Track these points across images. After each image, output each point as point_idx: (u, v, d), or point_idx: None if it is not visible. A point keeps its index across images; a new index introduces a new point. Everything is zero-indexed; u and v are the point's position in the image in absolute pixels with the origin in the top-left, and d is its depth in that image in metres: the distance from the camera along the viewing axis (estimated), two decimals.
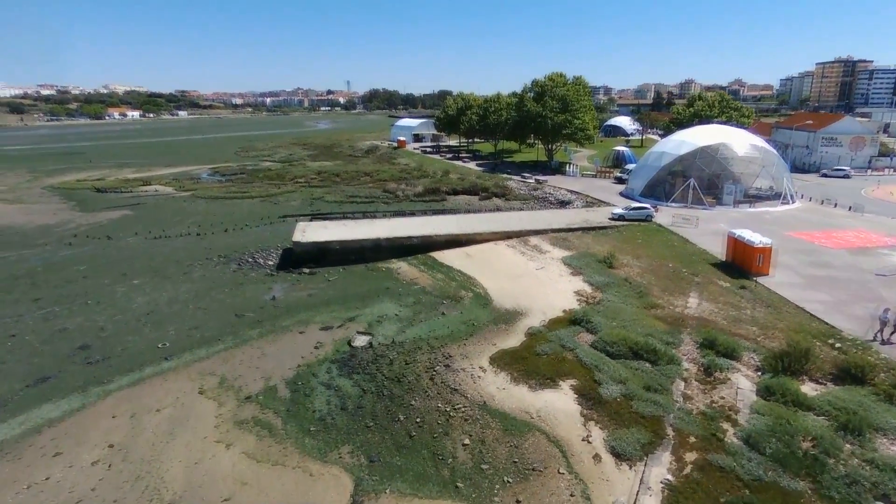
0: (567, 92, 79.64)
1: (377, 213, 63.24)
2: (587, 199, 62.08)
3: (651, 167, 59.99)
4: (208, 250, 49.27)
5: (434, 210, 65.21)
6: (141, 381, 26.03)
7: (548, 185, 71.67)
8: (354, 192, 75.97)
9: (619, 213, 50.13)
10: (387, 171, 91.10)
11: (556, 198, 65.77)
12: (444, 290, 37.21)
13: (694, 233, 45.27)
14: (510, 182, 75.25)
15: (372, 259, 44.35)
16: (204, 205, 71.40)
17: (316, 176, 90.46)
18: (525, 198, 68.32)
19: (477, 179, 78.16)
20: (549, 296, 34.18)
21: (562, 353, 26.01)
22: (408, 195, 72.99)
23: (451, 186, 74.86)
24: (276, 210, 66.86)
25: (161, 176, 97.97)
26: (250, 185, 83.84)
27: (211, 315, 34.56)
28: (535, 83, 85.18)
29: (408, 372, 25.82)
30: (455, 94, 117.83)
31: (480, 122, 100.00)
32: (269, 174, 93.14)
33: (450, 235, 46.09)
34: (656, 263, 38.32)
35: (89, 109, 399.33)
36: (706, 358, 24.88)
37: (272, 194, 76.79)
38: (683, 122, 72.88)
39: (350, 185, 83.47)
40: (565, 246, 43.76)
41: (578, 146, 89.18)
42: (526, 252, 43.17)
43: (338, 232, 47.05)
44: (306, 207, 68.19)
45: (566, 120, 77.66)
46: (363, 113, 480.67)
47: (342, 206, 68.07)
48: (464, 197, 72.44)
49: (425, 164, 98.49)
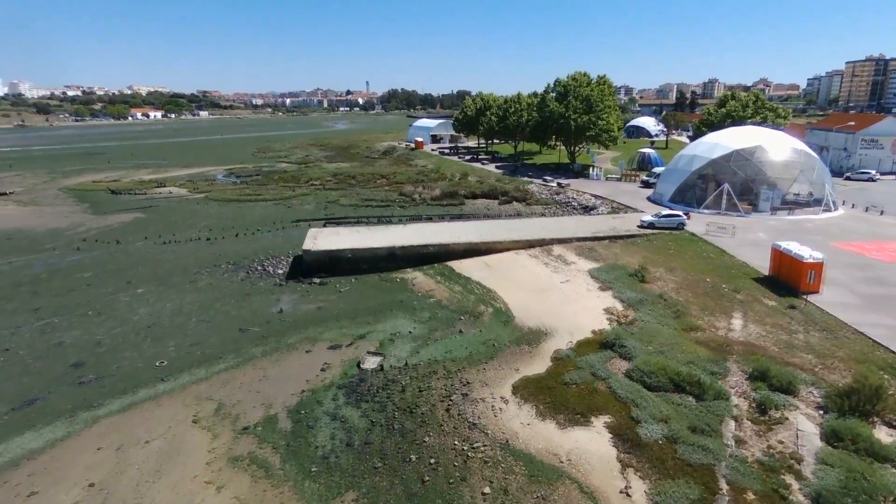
0: (591, 92, 76.48)
1: (392, 218, 61.02)
2: (613, 205, 58.97)
3: (681, 171, 56.65)
4: (217, 257, 47.50)
5: (452, 215, 62.74)
6: (133, 406, 24.01)
7: (570, 189, 68.65)
8: (370, 196, 73.90)
9: (648, 221, 47.03)
10: (403, 174, 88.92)
11: (579, 203, 62.78)
12: (461, 305, 34.70)
13: (731, 243, 42.00)
14: (531, 186, 72.44)
15: (386, 268, 42.04)
16: (217, 208, 69.97)
17: (331, 178, 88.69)
18: (547, 202, 65.43)
19: (496, 183, 75.49)
20: (576, 313, 31.43)
21: (593, 384, 23.31)
22: (424, 199, 70.66)
23: (469, 190, 72.33)
24: (290, 214, 65.07)
25: (176, 177, 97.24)
26: (265, 188, 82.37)
27: (214, 329, 32.56)
28: (557, 83, 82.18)
29: (421, 401, 23.37)
30: (474, 95, 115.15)
31: (500, 123, 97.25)
32: (284, 176, 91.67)
33: (468, 244, 43.53)
34: (693, 278, 35.25)
35: (112, 110, 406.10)
36: (758, 392, 21.95)
37: (286, 197, 75.11)
38: (714, 124, 69.05)
39: (366, 187, 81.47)
40: (592, 257, 40.88)
41: (602, 148, 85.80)
42: (549, 263, 40.41)
43: (350, 239, 44.84)
44: (320, 211, 66.31)
45: (590, 121, 74.50)
46: (381, 113, 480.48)
47: (357, 211, 66.02)
48: (483, 201, 69.82)
49: (443, 166, 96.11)
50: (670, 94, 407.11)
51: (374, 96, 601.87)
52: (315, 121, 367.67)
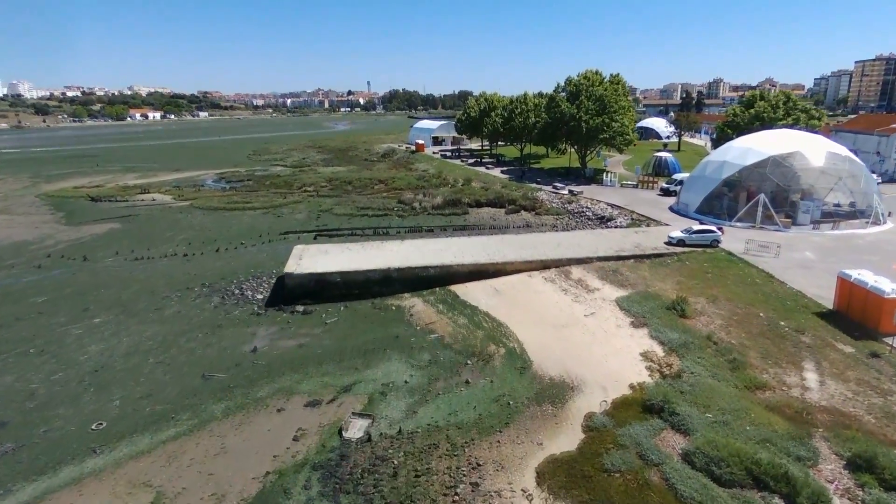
0: (604, 92, 71.02)
1: (390, 229, 55.63)
2: (632, 216, 53.49)
3: (709, 179, 51.14)
4: (192, 277, 42.20)
5: (455, 226, 57.33)
6: (47, 497, 18.67)
7: (583, 196, 63.20)
8: (366, 204, 68.55)
9: (677, 237, 41.53)
10: (403, 179, 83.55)
11: (594, 213, 57.30)
12: (467, 343, 29.33)
13: (776, 265, 36.49)
14: (540, 193, 66.99)
15: (380, 293, 36.68)
16: (200, 217, 64.70)
17: (326, 184, 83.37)
18: (558, 212, 59.97)
19: (502, 189, 70.09)
20: (606, 358, 26.02)
21: (642, 472, 17.89)
22: (425, 207, 65.28)
23: (473, 197, 66.92)
24: (278, 225, 59.75)
25: (164, 182, 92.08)
26: (255, 195, 77.04)
27: (173, 374, 27.24)
28: (568, 82, 76.69)
29: (418, 493, 17.99)
30: (477, 95, 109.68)
31: (505, 124, 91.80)
32: (276, 182, 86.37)
33: (474, 265, 38.11)
34: (742, 311, 29.79)
35: (110, 111, 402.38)
36: (868, 492, 16.52)
37: (276, 205, 69.78)
38: (741, 126, 63.29)
39: (362, 194, 76.12)
40: (617, 281, 35.44)
41: (615, 152, 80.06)
42: (569, 289, 34.98)
43: (340, 259, 39.44)
44: (312, 221, 60.97)
45: (603, 123, 69.01)
46: (382, 114, 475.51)
47: (351, 221, 60.63)
48: (488, 210, 64.43)
49: (445, 170, 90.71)
50: (674, 95, 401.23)
51: (376, 97, 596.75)
52: (315, 121, 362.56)
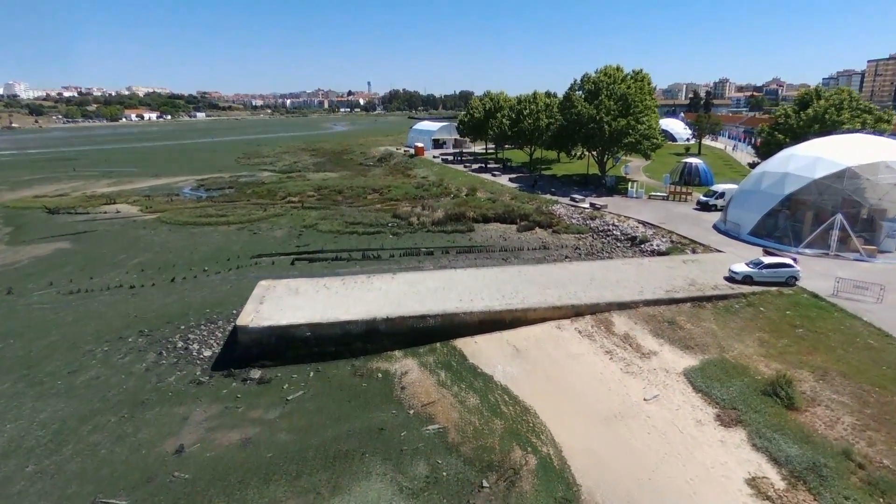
0: (628, 90, 62.24)
1: (382, 252, 46.83)
2: (671, 238, 44.68)
3: (767, 194, 42.23)
4: (130, 321, 33.51)
5: (459, 248, 48.57)
6: None
7: (608, 211, 54.39)
8: (357, 218, 59.72)
9: (743, 272, 32.64)
10: (399, 188, 74.76)
11: (623, 232, 48.50)
12: (482, 443, 20.59)
13: (888, 316, 27.61)
14: (557, 207, 58.13)
15: (363, 350, 27.98)
16: (165, 234, 55.98)
17: (314, 193, 74.62)
18: (580, 230, 51.16)
19: (512, 201, 61.31)
20: (694, 488, 17.20)
21: None
22: (424, 223, 56.50)
23: (479, 211, 58.14)
24: (253, 244, 51.04)
25: (138, 190, 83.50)
26: (232, 206, 68.29)
27: (49, 500, 18.52)
28: (585, 79, 67.84)
29: None
30: (482, 94, 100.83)
31: (513, 126, 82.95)
32: (260, 190, 77.57)
33: (486, 313, 29.27)
34: (873, 397, 20.93)
35: (105, 112, 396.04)
36: None
37: (254, 219, 61.02)
38: (797, 131, 53.76)
39: (354, 205, 67.38)
40: (679, 339, 26.62)
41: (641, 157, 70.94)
42: (614, 350, 26.17)
43: (313, 303, 30.55)
44: (291, 241, 52.22)
45: (628, 125, 60.21)
46: (382, 114, 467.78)
47: (338, 240, 51.84)
48: (497, 226, 55.64)
49: (447, 176, 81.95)
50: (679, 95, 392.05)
51: (376, 97, 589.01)
52: (313, 122, 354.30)
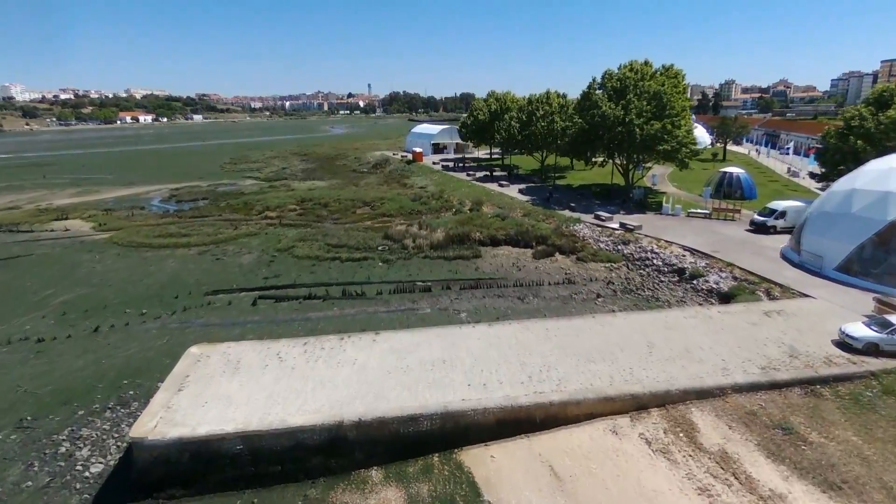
0: (660, 87, 53.02)
1: (368, 286, 37.41)
2: (732, 272, 35.27)
3: (863, 220, 32.74)
4: (14, 399, 24.32)
5: (463, 281, 39.24)
6: None
7: (642, 233, 45.08)
8: (341, 239, 50.39)
9: (864, 338, 23.09)
10: (394, 200, 65.47)
11: (666, 262, 39.17)
12: None
13: None
14: (579, 227, 48.78)
15: (323, 469, 18.71)
16: (112, 260, 46.78)
17: (296, 206, 65.44)
18: (610, 258, 41.84)
19: (525, 219, 52.03)
20: None
21: None
22: (420, 246, 47.23)
23: (487, 231, 48.85)
24: (212, 275, 41.87)
25: (102, 202, 74.51)
26: (200, 223, 59.09)
27: None
28: (607, 76, 58.51)
29: None
30: (487, 94, 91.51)
31: (523, 129, 73.68)
32: (235, 204, 68.31)
33: (506, 409, 19.85)
34: None
35: (99, 114, 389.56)
36: None
37: (221, 240, 51.79)
38: (875, 137, 43.59)
39: (340, 222, 58.16)
40: (807, 464, 17.20)
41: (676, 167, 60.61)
42: (710, 484, 16.70)
43: (253, 394, 21.03)
44: (259, 270, 43.00)
45: (663, 129, 50.94)
46: (382, 116, 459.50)
47: (314, 269, 42.54)
48: (508, 251, 46.37)
49: (448, 187, 72.73)
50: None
51: (376, 99, 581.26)
52: (311, 125, 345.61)
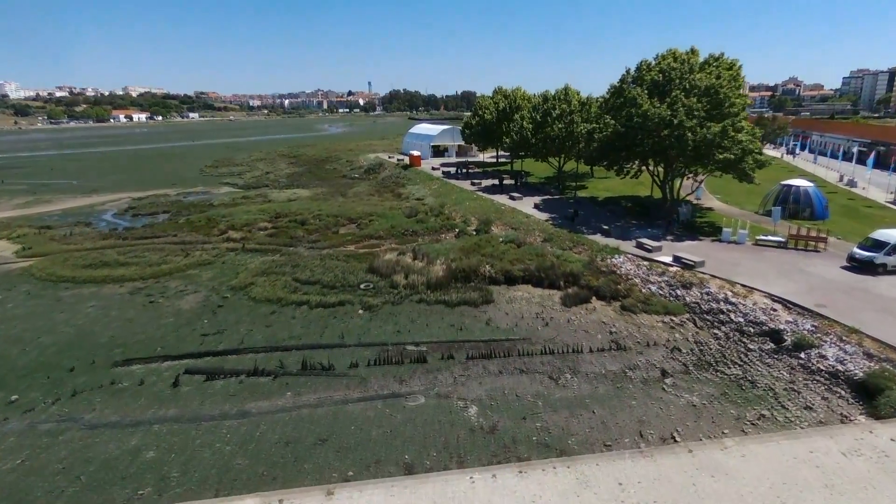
0: (716, 81, 42.22)
1: (337, 353, 26.57)
2: (860, 343, 24.47)
3: None
4: None
5: (471, 344, 28.44)
6: None
7: (704, 273, 34.22)
8: (315, 272, 39.45)
9: None
10: (385, 217, 54.67)
11: (751, 318, 28.38)
12: None
13: None
14: (618, 259, 37.93)
15: None
16: (15, 303, 36.12)
17: (269, 224, 54.68)
18: (670, 309, 31.01)
19: (547, 246, 41.27)
20: None
21: None
22: (414, 285, 36.44)
23: (500, 264, 38.03)
24: (136, 328, 31.19)
25: (47, 215, 64.16)
26: (147, 245, 48.34)
27: None
28: (644, 68, 47.56)
29: None
30: (493, 90, 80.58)
31: (537, 131, 62.84)
32: (197, 220, 57.44)
33: None
34: None
35: (92, 112, 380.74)
36: None
37: (165, 272, 41.06)
38: None
39: (317, 246, 47.40)
40: None
41: (740, 179, 47.31)
42: None
43: None
44: (200, 321, 32.27)
45: (724, 133, 40.11)
46: (382, 115, 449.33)
47: (272, 322, 31.73)
48: (527, 292, 35.59)
49: (449, 199, 62.01)
50: None
51: (376, 97, 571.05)
52: (308, 124, 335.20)
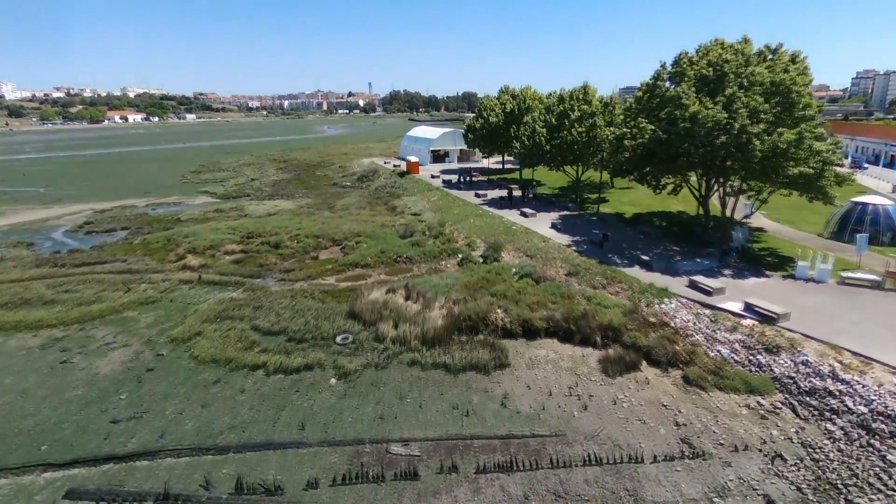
0: (786, 77, 33.66)
1: (286, 463, 17.65)
2: None
3: None
4: None
5: (481, 442, 19.81)
6: None
7: (794, 328, 25.64)
8: (280, 319, 30.81)
9: None
10: (374, 239, 46.05)
11: (881, 412, 19.82)
12: None
13: None
14: (671, 304, 29.30)
15: None
16: None
17: (237, 246, 46.12)
18: (753, 385, 22.38)
19: (573, 281, 32.68)
20: None
21: None
22: (405, 339, 27.86)
23: (516, 310, 29.38)
24: (27, 407, 22.47)
25: None
26: (87, 275, 39.72)
27: None
28: (685, 62, 38.96)
29: None
30: (500, 91, 71.99)
31: (552, 137, 54.26)
32: (155, 240, 48.87)
33: None
34: None
35: (86, 113, 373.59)
36: None
37: (95, 315, 32.44)
38: None
39: (289, 278, 38.76)
40: None
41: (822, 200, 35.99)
42: None
43: None
44: (116, 397, 23.63)
45: (800, 140, 31.55)
46: (382, 116, 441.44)
47: (209, 400, 23.00)
48: (554, 350, 26.97)
49: (450, 214, 53.47)
50: None
51: (376, 98, 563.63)
52: (306, 125, 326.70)
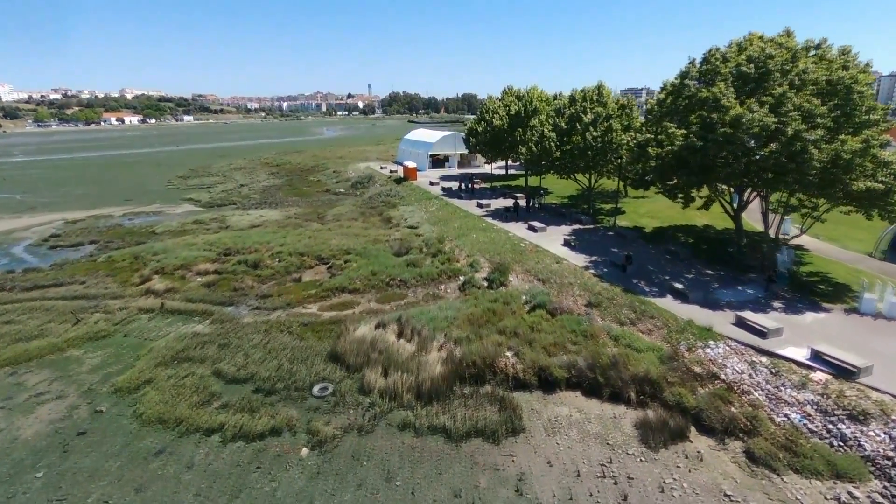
0: (845, 75, 28.88)
1: None
2: None
3: None
4: None
5: None
6: None
7: (872, 384, 20.79)
8: (248, 363, 26.01)
9: None
10: (365, 258, 41.12)
11: None
12: None
13: None
14: (719, 349, 24.40)
15: None
16: None
17: (211, 265, 41.22)
18: (840, 469, 17.32)
19: (595, 314, 27.78)
20: None
21: None
22: (396, 393, 22.95)
23: (529, 353, 24.53)
24: None
25: None
26: (34, 301, 34.83)
27: None
28: (716, 59, 34.08)
29: None
30: (503, 91, 67.21)
31: (563, 142, 49.42)
32: (120, 258, 43.99)
33: None
34: None
35: (81, 115, 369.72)
36: None
37: (32, 355, 27.51)
38: None
39: (266, 305, 33.86)
40: None
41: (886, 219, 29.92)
42: None
43: None
44: (42, 463, 18.63)
45: (865, 150, 26.74)
46: (381, 118, 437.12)
47: (148, 481, 18.10)
48: (578, 408, 21.98)
49: (450, 227, 48.61)
50: None
51: (376, 100, 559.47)
52: (305, 127, 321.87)
